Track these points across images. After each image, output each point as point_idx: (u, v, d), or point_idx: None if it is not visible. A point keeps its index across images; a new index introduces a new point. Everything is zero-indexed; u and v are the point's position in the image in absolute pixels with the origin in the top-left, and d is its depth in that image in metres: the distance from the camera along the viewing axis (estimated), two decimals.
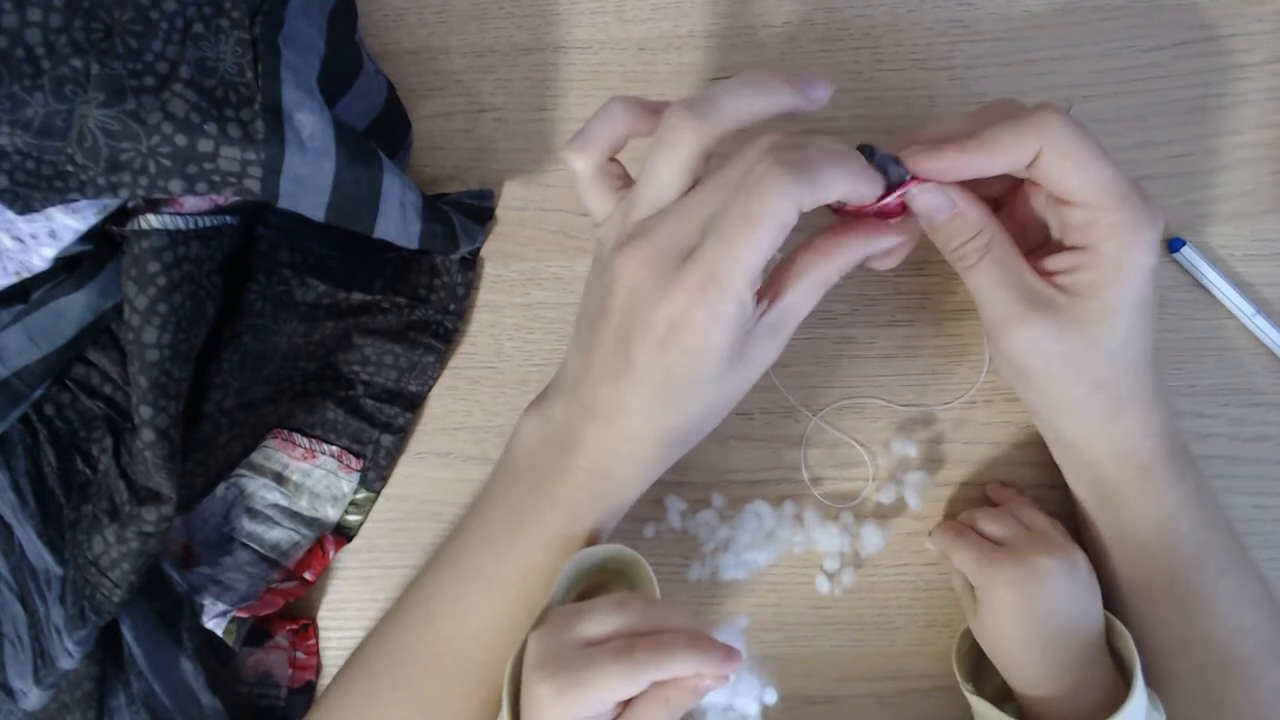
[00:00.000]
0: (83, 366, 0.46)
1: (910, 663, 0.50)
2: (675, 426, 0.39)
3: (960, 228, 0.41)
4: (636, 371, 0.37)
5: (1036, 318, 0.40)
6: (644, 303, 0.36)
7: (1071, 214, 0.39)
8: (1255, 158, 0.49)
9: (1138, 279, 0.39)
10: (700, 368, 0.37)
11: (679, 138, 0.36)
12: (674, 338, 0.36)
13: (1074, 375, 0.41)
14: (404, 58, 0.51)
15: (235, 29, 0.39)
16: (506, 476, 0.43)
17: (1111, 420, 0.42)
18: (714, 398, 0.39)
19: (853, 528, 0.49)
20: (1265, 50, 0.49)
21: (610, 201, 0.39)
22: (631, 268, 0.36)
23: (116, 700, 0.46)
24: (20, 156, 0.38)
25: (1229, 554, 0.43)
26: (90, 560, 0.43)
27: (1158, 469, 0.42)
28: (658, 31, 0.51)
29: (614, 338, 0.38)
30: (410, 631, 0.43)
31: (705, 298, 0.35)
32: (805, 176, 0.35)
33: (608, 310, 0.38)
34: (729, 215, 0.35)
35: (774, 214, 0.35)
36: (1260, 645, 0.43)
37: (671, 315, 0.36)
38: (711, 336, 0.36)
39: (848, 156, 0.37)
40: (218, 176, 0.38)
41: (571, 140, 0.39)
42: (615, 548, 0.42)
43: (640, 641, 0.35)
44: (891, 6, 0.50)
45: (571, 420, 0.40)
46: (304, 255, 0.48)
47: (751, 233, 0.34)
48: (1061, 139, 0.37)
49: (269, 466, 0.50)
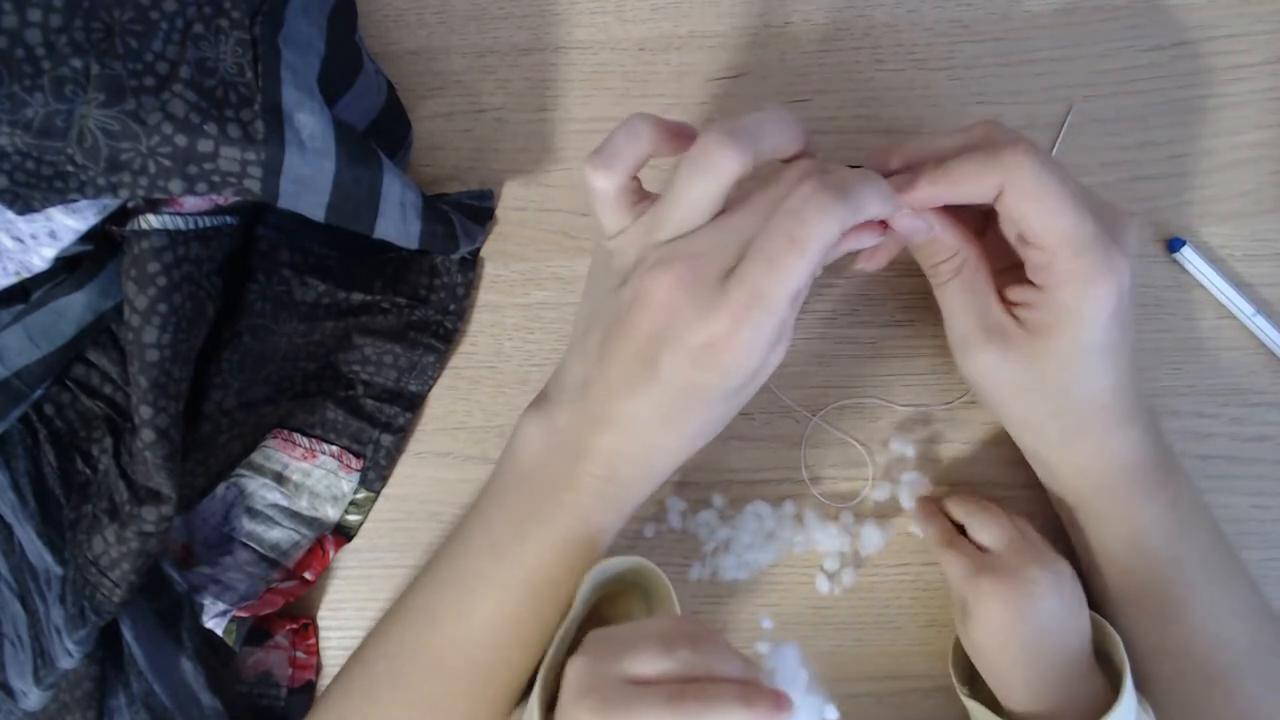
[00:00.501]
0: (83, 366, 0.46)
1: (910, 663, 0.50)
2: (689, 434, 0.40)
3: (936, 249, 0.42)
4: (660, 386, 0.37)
5: (990, 346, 0.41)
6: (681, 322, 0.36)
7: (1030, 253, 0.40)
8: (1255, 158, 0.49)
9: (1090, 327, 0.39)
10: (729, 384, 0.37)
11: (718, 163, 0.36)
12: (713, 357, 0.36)
13: (1026, 402, 0.42)
14: (404, 58, 0.51)
15: (235, 29, 0.39)
16: (509, 481, 0.42)
17: (1069, 445, 0.43)
18: (727, 408, 0.40)
19: (853, 528, 0.49)
20: (1265, 50, 0.49)
21: (627, 217, 0.39)
22: (665, 288, 0.36)
23: (116, 700, 0.46)
24: (20, 156, 0.38)
25: (1206, 567, 0.43)
26: (90, 560, 0.43)
27: (1119, 491, 0.43)
28: (658, 31, 0.51)
29: (637, 353, 0.37)
30: (411, 632, 0.43)
31: (751, 318, 0.35)
32: (847, 199, 0.35)
33: (632, 326, 0.37)
34: (774, 236, 0.35)
35: (820, 236, 0.35)
36: (1241, 655, 0.42)
37: (714, 335, 0.36)
38: (751, 356, 0.36)
39: (878, 179, 0.38)
40: (218, 176, 0.38)
41: (593, 157, 0.38)
42: (637, 561, 0.42)
43: (690, 690, 0.34)
44: (891, 6, 0.50)
45: (581, 428, 0.40)
46: (304, 255, 0.48)
47: (799, 256, 0.35)
48: (1024, 180, 0.38)
49: (269, 466, 0.50)
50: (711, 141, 0.36)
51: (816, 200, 0.35)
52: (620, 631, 0.38)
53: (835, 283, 0.50)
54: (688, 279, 0.36)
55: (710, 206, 0.37)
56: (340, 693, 0.44)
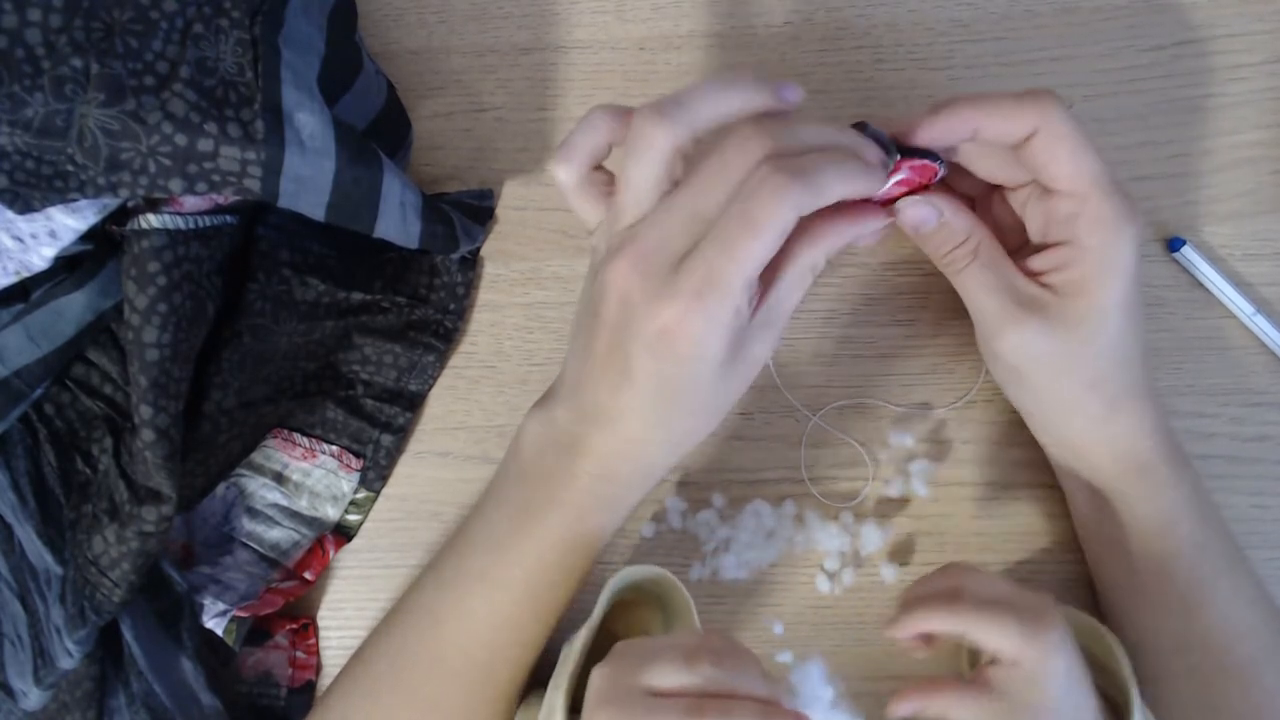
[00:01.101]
0: (83, 366, 0.46)
1: (910, 663, 0.50)
2: (677, 429, 0.39)
3: (947, 236, 0.41)
4: (634, 378, 0.37)
5: (1028, 319, 0.40)
6: (637, 311, 0.36)
7: (1058, 205, 0.39)
8: (1255, 158, 0.49)
9: (1123, 275, 0.39)
10: (696, 372, 0.37)
11: (650, 142, 0.36)
12: (668, 345, 0.36)
13: (1068, 375, 0.41)
14: (404, 58, 0.51)
15: (235, 29, 0.39)
16: (510, 478, 0.42)
17: (1109, 420, 0.42)
18: (713, 399, 0.39)
19: (853, 527, 0.49)
20: (1265, 50, 0.49)
21: (600, 209, 0.39)
22: (621, 276, 0.36)
23: (116, 700, 0.46)
24: (20, 156, 0.38)
25: (1226, 555, 0.43)
26: (90, 560, 0.43)
27: (1157, 470, 0.42)
28: (658, 31, 0.51)
29: (608, 346, 0.37)
30: (413, 632, 0.43)
31: (701, 305, 0.35)
32: (806, 182, 0.34)
33: (601, 319, 0.37)
34: (728, 220, 0.35)
35: (775, 223, 0.34)
36: (1258, 647, 0.43)
37: (665, 323, 0.35)
38: (707, 344, 0.36)
39: (846, 158, 0.36)
40: (218, 176, 0.38)
41: (556, 152, 0.39)
42: (656, 571, 0.42)
43: (709, 705, 0.34)
44: (891, 6, 0.50)
45: (574, 424, 0.40)
46: (304, 255, 0.48)
47: (753, 240, 0.34)
48: (1058, 123, 0.38)
49: (269, 466, 0.50)
50: (642, 120, 0.36)
51: (772, 182, 0.34)
52: (646, 643, 0.37)
53: (835, 283, 0.50)
54: (640, 266, 0.36)
55: (654, 186, 0.37)
56: (341, 693, 0.44)
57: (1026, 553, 0.49)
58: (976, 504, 0.50)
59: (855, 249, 0.41)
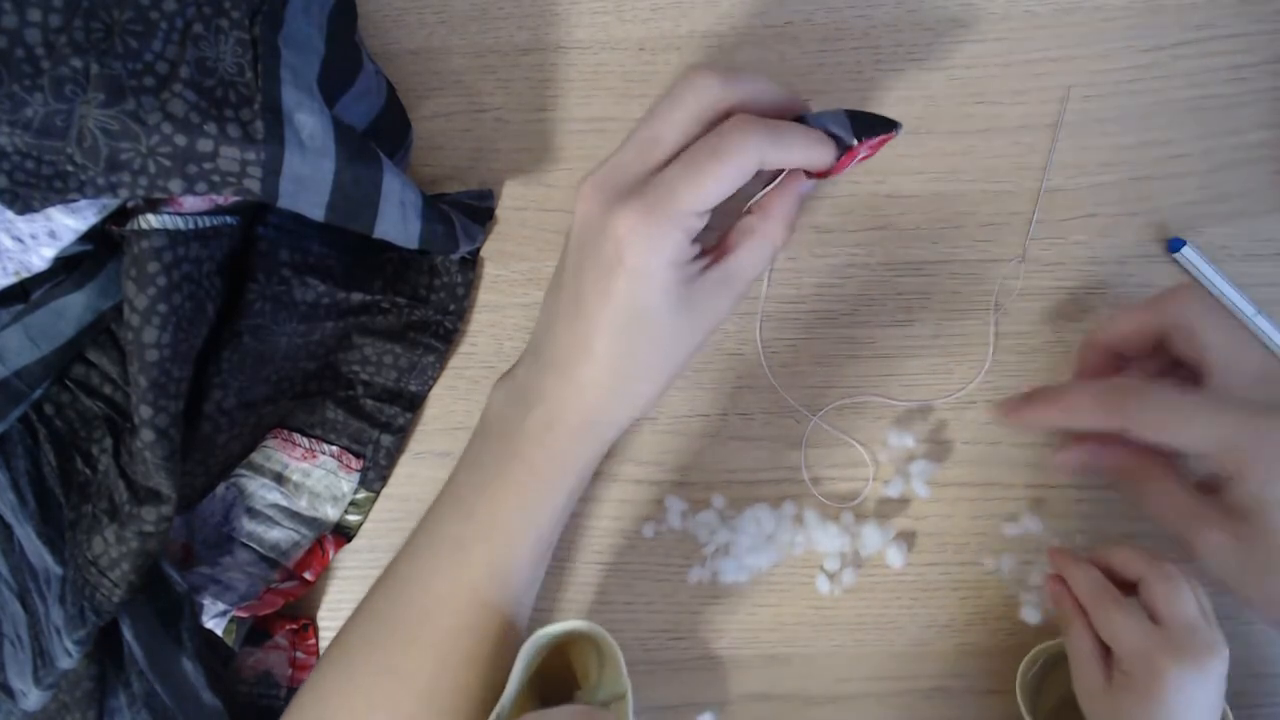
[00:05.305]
0: (83, 366, 0.46)
1: (910, 663, 0.50)
2: (628, 374, 0.40)
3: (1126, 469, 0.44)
4: (586, 310, 0.38)
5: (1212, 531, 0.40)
6: (593, 227, 0.38)
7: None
8: (1255, 158, 0.49)
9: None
10: (645, 299, 0.38)
11: (699, 91, 0.37)
12: (619, 259, 0.37)
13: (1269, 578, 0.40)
14: (404, 58, 0.51)
15: (235, 29, 0.39)
16: (474, 441, 0.44)
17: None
18: (667, 344, 0.39)
19: (853, 528, 0.49)
20: (1265, 50, 0.49)
21: None
22: (584, 198, 0.38)
23: (116, 700, 0.46)
24: (20, 156, 0.38)
25: None
26: (90, 560, 0.43)
27: None
28: (658, 31, 0.51)
29: (570, 278, 0.39)
30: (384, 601, 0.43)
31: (652, 217, 0.37)
32: (773, 134, 0.37)
33: (566, 250, 0.39)
34: (696, 150, 0.37)
35: (739, 155, 0.36)
36: None
37: (619, 234, 0.37)
38: (653, 258, 0.37)
39: (811, 130, 0.39)
40: (217, 176, 0.38)
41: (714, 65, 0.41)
42: (574, 626, 0.41)
43: None
44: (891, 6, 0.50)
45: (531, 376, 0.41)
46: (304, 255, 0.48)
47: (716, 166, 0.36)
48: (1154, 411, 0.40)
49: (269, 466, 0.50)
50: (697, 72, 0.38)
51: (743, 125, 0.37)
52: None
53: (835, 283, 0.50)
54: (603, 186, 0.38)
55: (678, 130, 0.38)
56: (320, 670, 0.44)
57: (1027, 553, 0.49)
58: (976, 504, 0.50)
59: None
